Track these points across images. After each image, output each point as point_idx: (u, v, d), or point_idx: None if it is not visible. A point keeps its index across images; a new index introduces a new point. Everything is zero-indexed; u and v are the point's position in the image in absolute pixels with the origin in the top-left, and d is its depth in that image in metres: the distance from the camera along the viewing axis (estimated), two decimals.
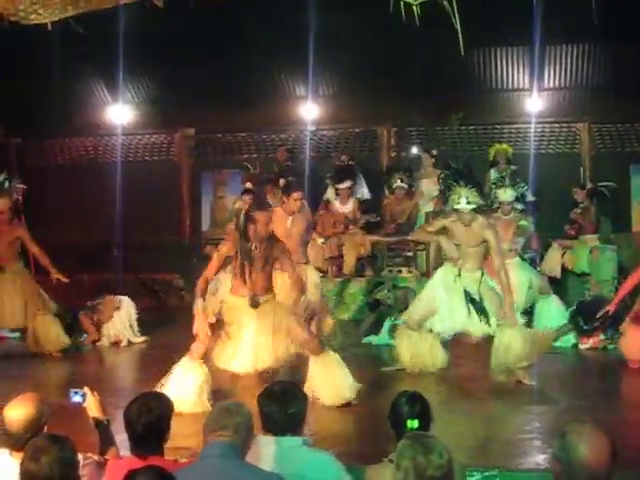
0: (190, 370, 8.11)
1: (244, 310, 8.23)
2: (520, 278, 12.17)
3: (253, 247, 8.23)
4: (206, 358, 8.19)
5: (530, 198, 13.55)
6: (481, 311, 9.30)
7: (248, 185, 13.83)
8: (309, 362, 8.25)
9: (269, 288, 8.41)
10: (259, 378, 8.50)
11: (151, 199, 16.85)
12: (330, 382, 8.18)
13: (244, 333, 8.19)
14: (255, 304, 8.17)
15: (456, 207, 9.43)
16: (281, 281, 8.99)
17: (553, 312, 12.31)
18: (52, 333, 11.68)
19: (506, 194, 12.61)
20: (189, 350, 8.23)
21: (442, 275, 9.68)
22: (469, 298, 9.34)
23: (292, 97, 17.79)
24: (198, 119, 17.55)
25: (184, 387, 7.93)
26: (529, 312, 12.38)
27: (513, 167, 14.99)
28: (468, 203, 9.37)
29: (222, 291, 9.56)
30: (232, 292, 8.46)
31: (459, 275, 9.45)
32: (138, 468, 3.75)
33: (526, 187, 13.40)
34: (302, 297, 8.50)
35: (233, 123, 17.72)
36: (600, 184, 14.67)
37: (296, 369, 8.55)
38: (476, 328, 9.41)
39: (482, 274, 9.47)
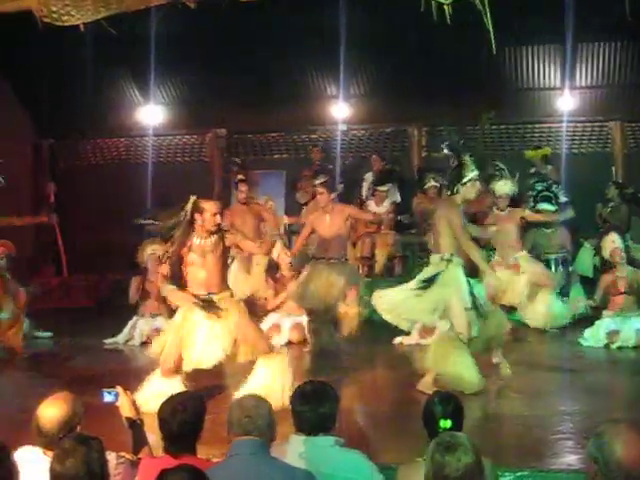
0: (165, 385, 7.91)
1: (191, 311, 8.10)
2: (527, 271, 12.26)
3: (200, 241, 8.12)
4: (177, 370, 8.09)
5: (563, 199, 13.50)
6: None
7: (241, 176, 13.89)
8: (257, 362, 8.10)
9: (225, 285, 8.27)
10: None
11: (182, 200, 16.88)
12: (274, 384, 7.90)
13: (198, 331, 8.05)
14: (209, 307, 8.02)
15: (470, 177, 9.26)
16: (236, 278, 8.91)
17: (552, 306, 12.36)
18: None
19: (506, 187, 12.61)
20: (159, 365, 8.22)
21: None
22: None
23: (323, 97, 17.79)
24: (230, 119, 17.60)
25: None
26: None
27: (549, 167, 14.91)
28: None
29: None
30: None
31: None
32: (171, 467, 3.77)
33: (560, 187, 13.37)
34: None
35: (265, 123, 17.75)
36: None
37: None
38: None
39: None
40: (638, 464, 3.65)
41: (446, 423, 4.74)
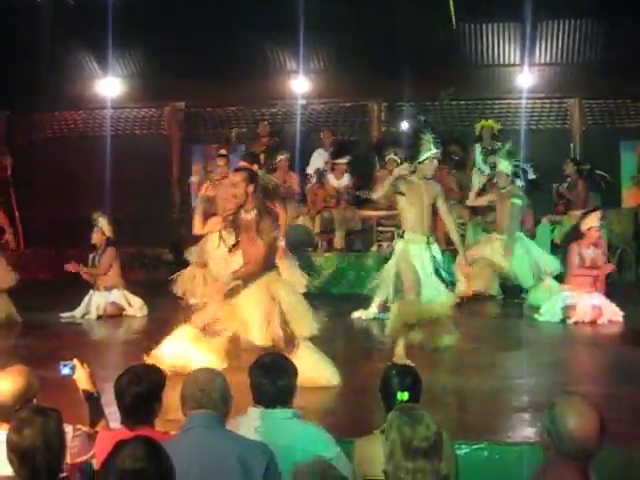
0: (188, 336, 7.95)
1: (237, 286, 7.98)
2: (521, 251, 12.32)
3: (244, 215, 7.96)
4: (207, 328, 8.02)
5: (532, 176, 13.56)
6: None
7: (222, 151, 13.83)
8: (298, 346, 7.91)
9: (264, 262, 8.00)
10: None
11: (141, 173, 16.83)
12: (307, 375, 7.51)
13: (251, 304, 7.92)
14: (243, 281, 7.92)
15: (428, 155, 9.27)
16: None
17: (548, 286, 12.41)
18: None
19: (503, 164, 12.64)
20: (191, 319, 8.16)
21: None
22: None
23: (283, 71, 17.76)
24: (188, 92, 17.52)
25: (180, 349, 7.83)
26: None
27: (499, 143, 15.00)
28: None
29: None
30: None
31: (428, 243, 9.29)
32: (126, 439, 3.75)
33: (530, 164, 13.42)
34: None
35: (224, 97, 17.70)
36: (598, 172, 14.69)
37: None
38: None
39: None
40: (590, 436, 3.68)
41: (403, 395, 4.76)
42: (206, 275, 12.12)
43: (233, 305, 8.00)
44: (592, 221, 11.79)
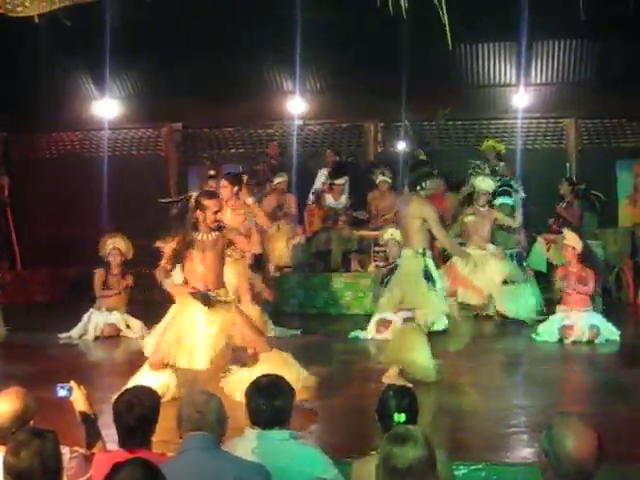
0: (154, 379, 7.82)
1: (190, 305, 7.98)
2: (492, 267, 12.37)
3: (201, 236, 8.04)
4: (164, 365, 7.97)
5: (522, 195, 13.59)
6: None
7: (212, 172, 13.83)
8: (259, 361, 7.95)
9: (221, 283, 8.14)
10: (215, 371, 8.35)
11: (138, 193, 16.83)
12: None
13: (196, 329, 7.90)
14: (208, 301, 7.88)
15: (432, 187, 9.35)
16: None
17: (526, 299, 12.47)
18: None
19: (485, 183, 12.71)
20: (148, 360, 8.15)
21: None
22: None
23: (280, 92, 17.79)
24: (185, 114, 17.56)
25: None
26: None
27: (501, 163, 15.04)
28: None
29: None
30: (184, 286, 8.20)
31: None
32: (123, 461, 3.75)
33: (519, 183, 13.48)
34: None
35: (220, 118, 17.73)
36: (593, 192, 14.74)
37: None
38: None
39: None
40: (588, 457, 3.68)
41: (400, 417, 4.75)
42: None
43: (179, 333, 7.96)
44: (568, 239, 11.88)
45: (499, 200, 13.29)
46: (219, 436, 4.62)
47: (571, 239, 11.84)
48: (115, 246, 12.78)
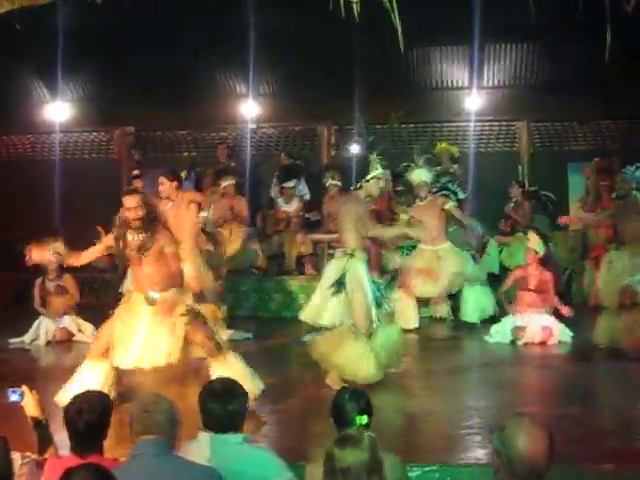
0: (93, 371, 7.87)
1: (138, 305, 7.92)
2: (449, 263, 12.39)
3: (131, 237, 7.97)
4: (106, 355, 7.90)
5: (461, 196, 13.60)
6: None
7: (135, 172, 13.77)
8: (210, 364, 7.88)
9: (166, 283, 7.94)
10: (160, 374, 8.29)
11: (90, 197, 16.71)
12: None
13: (137, 328, 7.84)
14: (151, 301, 7.78)
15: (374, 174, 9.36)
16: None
17: (480, 300, 12.48)
18: None
19: (422, 174, 12.70)
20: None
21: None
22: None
23: (233, 95, 17.75)
24: (137, 117, 17.48)
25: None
26: (453, 297, 12.66)
27: (455, 166, 15.10)
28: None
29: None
30: (135, 287, 8.22)
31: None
32: (76, 466, 3.72)
33: (458, 184, 13.49)
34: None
35: (173, 121, 17.67)
36: (543, 193, 14.83)
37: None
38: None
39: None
40: (539, 457, 3.70)
41: (362, 419, 4.75)
42: None
43: (131, 331, 7.90)
44: (531, 242, 11.95)
45: None
46: (172, 440, 4.59)
47: (534, 242, 11.91)
48: (54, 250, 12.65)
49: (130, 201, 8.01)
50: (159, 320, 7.84)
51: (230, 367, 7.74)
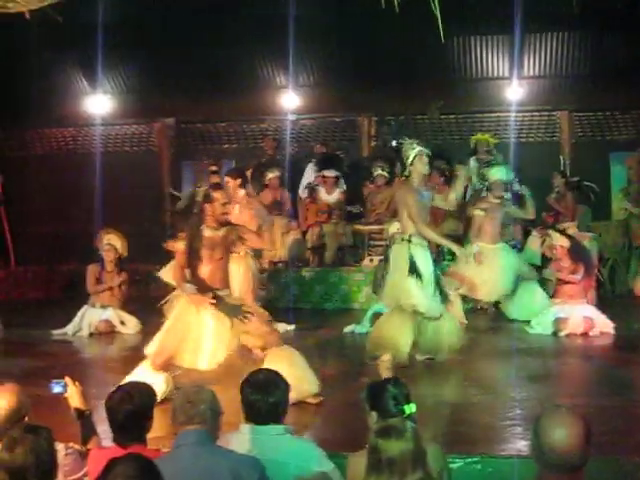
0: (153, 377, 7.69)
1: (201, 305, 7.86)
2: (506, 262, 12.25)
3: (209, 233, 7.87)
4: (166, 366, 7.90)
5: (517, 188, 13.54)
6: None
7: (214, 167, 13.77)
8: (267, 356, 7.73)
9: (226, 282, 8.00)
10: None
11: (131, 189, 16.83)
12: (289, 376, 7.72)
13: (202, 328, 7.80)
14: (217, 300, 7.76)
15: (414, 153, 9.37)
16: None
17: (535, 298, 12.35)
18: None
19: (499, 172, 12.53)
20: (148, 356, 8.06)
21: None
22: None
23: (273, 87, 17.76)
24: (178, 109, 17.53)
25: None
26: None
27: (493, 157, 15.03)
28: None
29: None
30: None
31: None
32: (119, 456, 3.75)
33: (514, 176, 13.40)
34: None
35: (214, 113, 17.70)
36: (585, 183, 14.71)
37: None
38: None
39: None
40: (574, 448, 3.66)
41: (411, 407, 4.74)
42: None
43: (184, 332, 7.87)
44: (554, 239, 11.88)
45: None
46: (213, 431, 4.61)
47: (557, 239, 11.86)
48: (109, 242, 12.75)
49: (221, 196, 7.93)
50: (221, 317, 7.80)
51: (286, 360, 7.66)
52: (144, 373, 7.80)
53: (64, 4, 7.93)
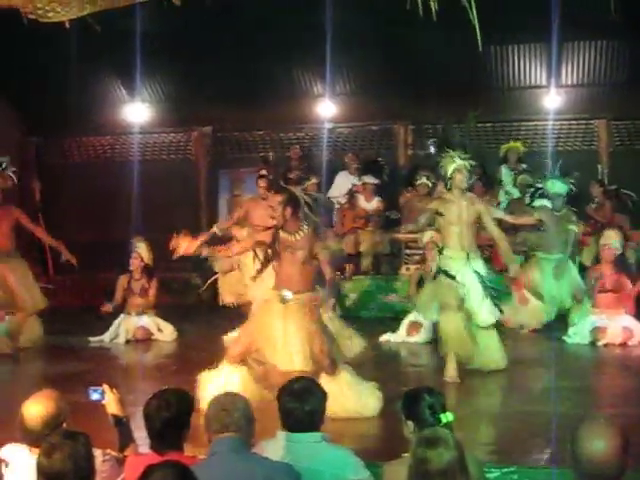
0: (232, 374, 7.81)
1: (273, 306, 7.81)
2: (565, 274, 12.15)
3: (289, 236, 7.76)
4: (244, 361, 7.86)
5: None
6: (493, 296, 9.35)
7: (263, 172, 13.83)
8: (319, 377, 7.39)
9: (305, 287, 7.84)
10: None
11: (168, 197, 16.90)
12: (345, 403, 7.57)
13: (274, 331, 7.72)
14: (283, 300, 7.68)
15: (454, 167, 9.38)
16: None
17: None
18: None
19: (556, 186, 12.41)
20: (225, 353, 8.06)
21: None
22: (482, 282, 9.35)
23: (309, 95, 17.78)
24: (215, 117, 17.59)
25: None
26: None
27: (523, 165, 15.01)
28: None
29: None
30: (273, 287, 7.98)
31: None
32: (156, 463, 3.76)
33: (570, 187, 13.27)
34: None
35: (250, 121, 17.74)
36: (624, 192, 14.61)
37: None
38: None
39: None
40: (611, 458, 3.63)
41: (448, 416, 4.71)
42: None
43: (270, 331, 7.79)
44: (606, 238, 11.78)
45: (539, 202, 12.95)
46: (247, 438, 4.62)
47: (609, 237, 11.75)
48: (137, 250, 12.88)
49: (273, 199, 7.94)
50: (294, 321, 7.73)
51: (339, 385, 7.62)
52: (223, 371, 7.87)
53: (103, 14, 7.99)
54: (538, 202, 12.97)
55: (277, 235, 7.83)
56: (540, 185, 12.99)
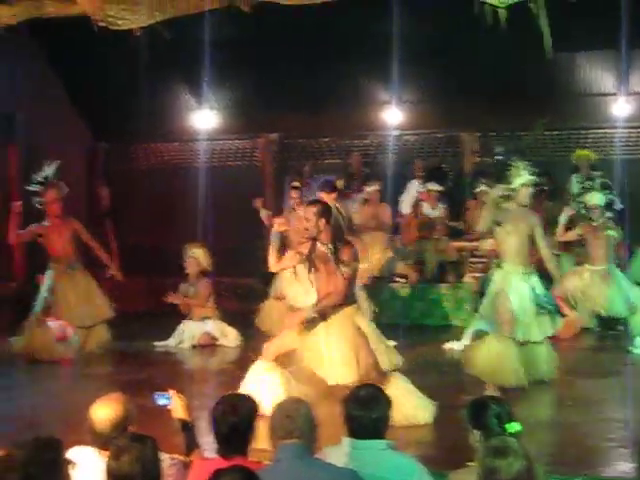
0: (265, 374, 7.93)
1: (315, 323, 7.81)
2: (611, 285, 12.04)
3: (324, 248, 7.77)
4: (281, 360, 7.95)
5: (619, 206, 13.34)
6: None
7: (295, 183, 13.87)
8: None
9: (344, 299, 7.77)
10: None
11: (234, 204, 16.96)
12: (402, 410, 7.42)
13: (317, 346, 7.77)
14: (323, 315, 7.72)
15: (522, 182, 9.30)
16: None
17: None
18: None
19: (595, 198, 12.39)
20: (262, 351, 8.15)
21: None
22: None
23: (375, 102, 17.77)
24: (282, 124, 17.64)
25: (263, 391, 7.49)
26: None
27: (597, 173, 14.83)
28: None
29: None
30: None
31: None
32: (224, 468, 3.79)
33: (615, 194, 13.20)
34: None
35: (316, 128, 17.77)
36: None
37: None
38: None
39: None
40: None
41: (514, 426, 4.67)
42: (282, 308, 11.77)
43: (315, 341, 7.83)
44: None
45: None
46: (311, 443, 4.64)
47: None
48: (192, 255, 12.98)
49: (306, 211, 7.93)
50: (337, 335, 7.76)
51: (394, 393, 7.53)
52: (257, 370, 7.99)
53: (172, 22, 8.09)
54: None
55: (313, 246, 7.84)
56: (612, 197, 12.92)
